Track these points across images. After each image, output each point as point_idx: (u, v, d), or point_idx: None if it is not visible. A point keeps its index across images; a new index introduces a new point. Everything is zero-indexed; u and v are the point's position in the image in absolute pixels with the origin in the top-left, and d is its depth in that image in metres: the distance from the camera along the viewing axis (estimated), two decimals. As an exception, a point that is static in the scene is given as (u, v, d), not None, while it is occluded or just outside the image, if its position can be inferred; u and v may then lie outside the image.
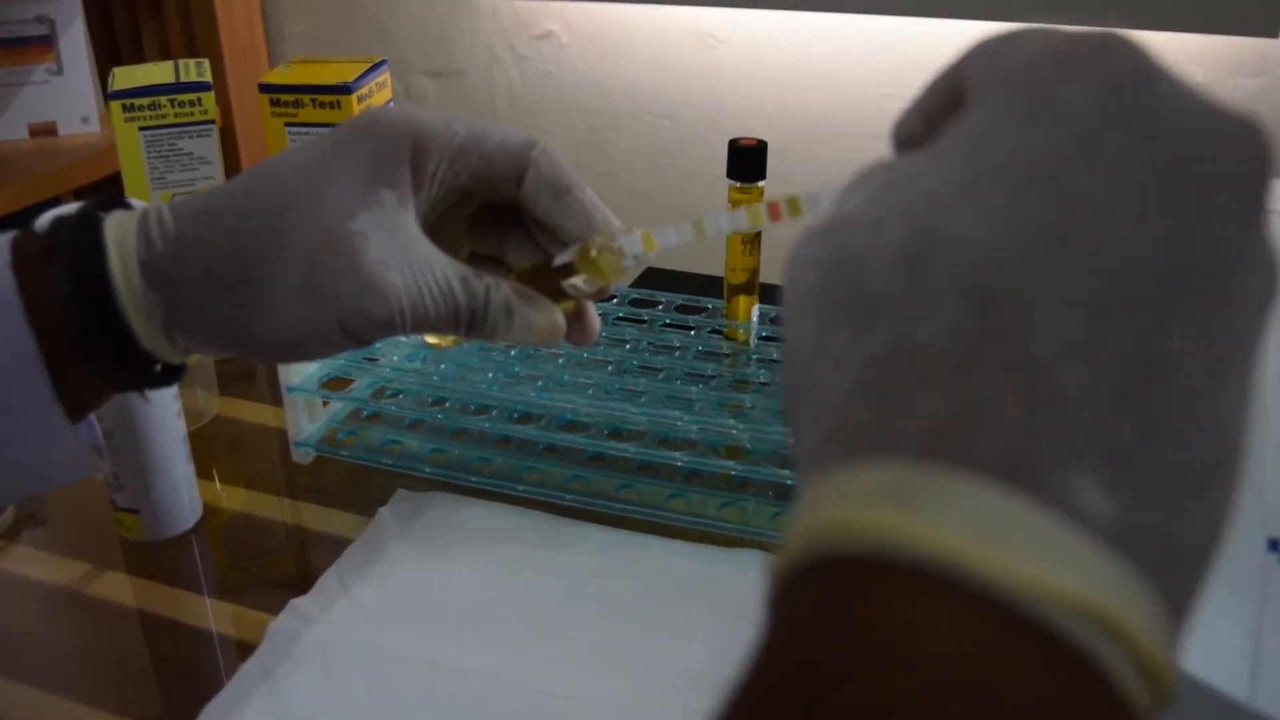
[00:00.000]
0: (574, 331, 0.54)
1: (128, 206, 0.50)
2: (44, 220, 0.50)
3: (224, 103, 1.74)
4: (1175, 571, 0.24)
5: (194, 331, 0.48)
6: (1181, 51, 1.43)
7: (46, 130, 1.71)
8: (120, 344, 0.48)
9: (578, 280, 0.50)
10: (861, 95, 1.57)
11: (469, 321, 0.49)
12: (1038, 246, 0.25)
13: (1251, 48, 1.41)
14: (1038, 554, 0.22)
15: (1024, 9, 1.42)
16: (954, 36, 1.48)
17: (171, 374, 0.51)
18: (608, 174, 1.70)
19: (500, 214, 0.54)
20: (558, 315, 0.50)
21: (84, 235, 0.47)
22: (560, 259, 0.50)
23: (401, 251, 0.47)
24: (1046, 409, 0.24)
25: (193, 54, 1.70)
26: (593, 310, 0.54)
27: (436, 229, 0.51)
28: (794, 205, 0.43)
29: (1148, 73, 0.26)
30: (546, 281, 0.51)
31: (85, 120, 1.71)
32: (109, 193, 0.76)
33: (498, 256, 0.56)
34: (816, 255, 0.28)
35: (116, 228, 0.48)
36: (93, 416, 0.53)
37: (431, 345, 0.55)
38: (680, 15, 1.58)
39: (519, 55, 1.68)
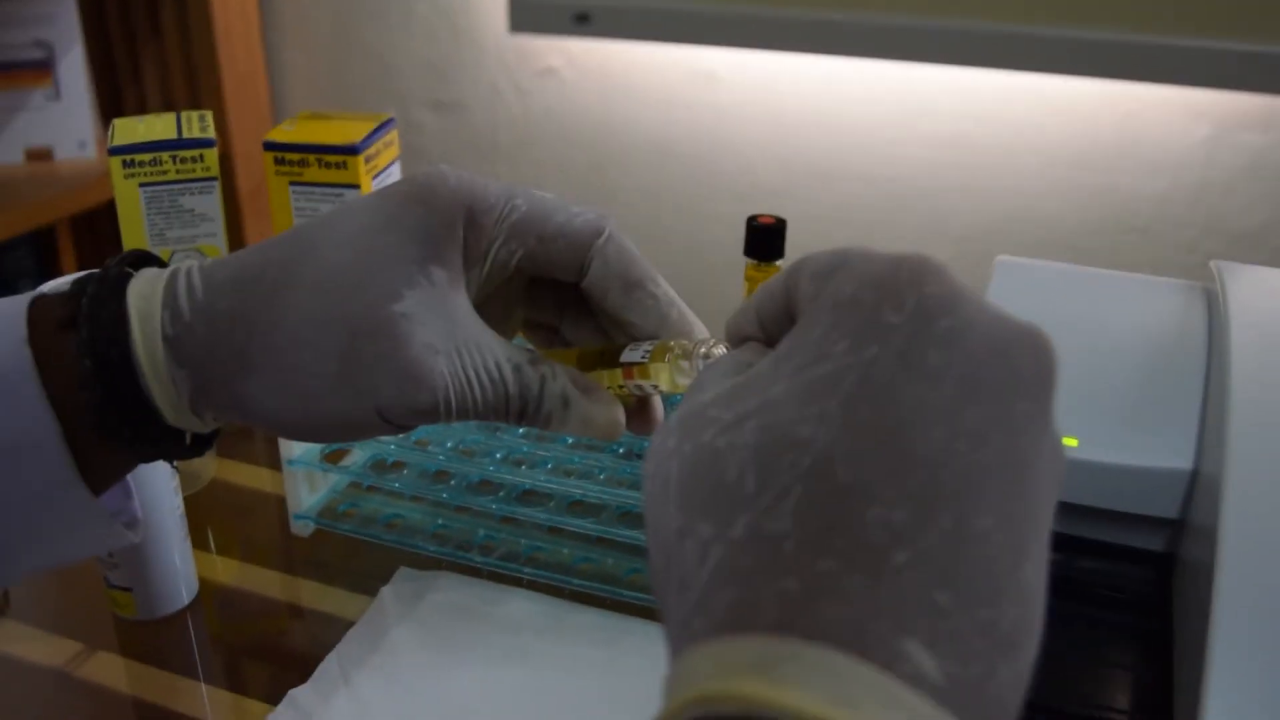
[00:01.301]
0: (638, 423, 0.49)
1: (153, 261, 0.47)
2: (62, 282, 0.47)
3: (222, 128, 1.72)
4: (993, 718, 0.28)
5: (223, 410, 0.45)
6: (1186, 106, 1.42)
7: (43, 155, 1.69)
8: (144, 420, 0.45)
9: (645, 384, 0.45)
10: (863, 139, 1.56)
11: (520, 411, 0.45)
12: (867, 447, 0.29)
13: (1258, 104, 1.40)
14: (882, 713, 0.26)
15: (1019, 54, 1.40)
16: (953, 82, 1.47)
17: (202, 443, 0.48)
18: (609, 210, 1.68)
19: (561, 286, 0.49)
20: (619, 411, 0.46)
21: (105, 306, 0.44)
22: (629, 356, 0.45)
23: (450, 334, 0.43)
24: (881, 585, 0.28)
25: (191, 80, 1.68)
26: (659, 402, 0.49)
27: (490, 296, 0.48)
28: None
29: (954, 297, 0.31)
30: (609, 370, 0.46)
31: (82, 145, 1.69)
32: (105, 221, 0.73)
33: (555, 327, 0.52)
34: (678, 449, 0.32)
35: (140, 297, 0.44)
36: (130, 480, 0.50)
37: None
38: (683, 55, 1.56)
39: (521, 90, 1.66)
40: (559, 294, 0.50)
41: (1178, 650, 0.59)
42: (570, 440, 0.81)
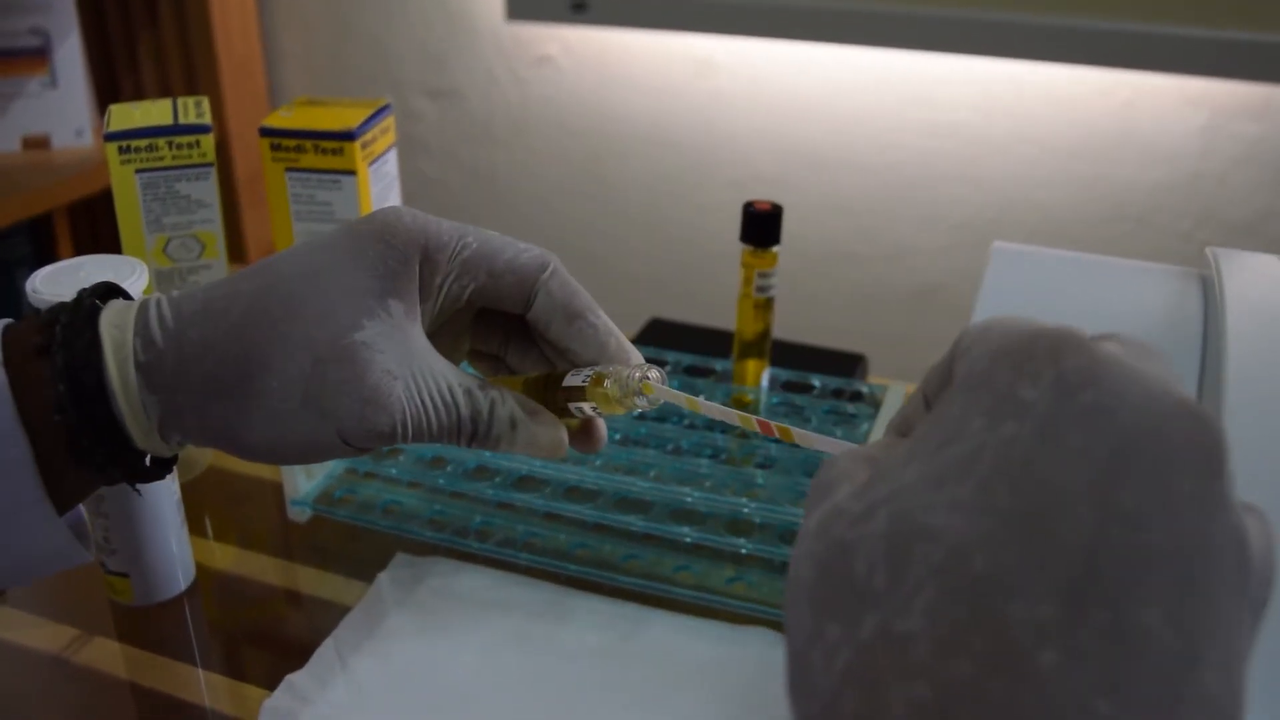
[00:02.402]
0: (581, 442, 0.53)
1: (124, 295, 0.49)
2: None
3: (219, 115, 1.71)
4: None
5: (190, 433, 0.48)
6: (1182, 94, 1.42)
7: (40, 143, 1.69)
8: (114, 444, 0.47)
9: (585, 406, 0.48)
10: (860, 127, 1.56)
11: (471, 433, 0.48)
12: (1006, 535, 0.26)
13: (1254, 93, 1.40)
14: None
15: (1015, 43, 1.40)
16: (951, 71, 1.47)
17: (162, 466, 0.51)
18: (604, 199, 1.68)
19: (507, 318, 0.53)
20: (562, 433, 0.49)
21: (80, 334, 0.46)
22: (570, 381, 0.49)
23: (406, 362, 0.46)
24: (1027, 691, 0.25)
25: (188, 67, 1.68)
26: (601, 423, 0.53)
27: (441, 326, 0.51)
28: (786, 434, 0.45)
29: (1097, 368, 0.28)
30: (552, 395, 0.49)
31: (79, 134, 1.69)
32: (102, 209, 0.74)
33: (500, 356, 0.55)
34: (811, 550, 0.30)
35: (113, 326, 0.47)
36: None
37: None
38: (680, 43, 1.56)
39: (518, 78, 1.66)
40: (505, 325, 0.54)
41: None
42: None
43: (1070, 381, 0.28)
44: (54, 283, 0.67)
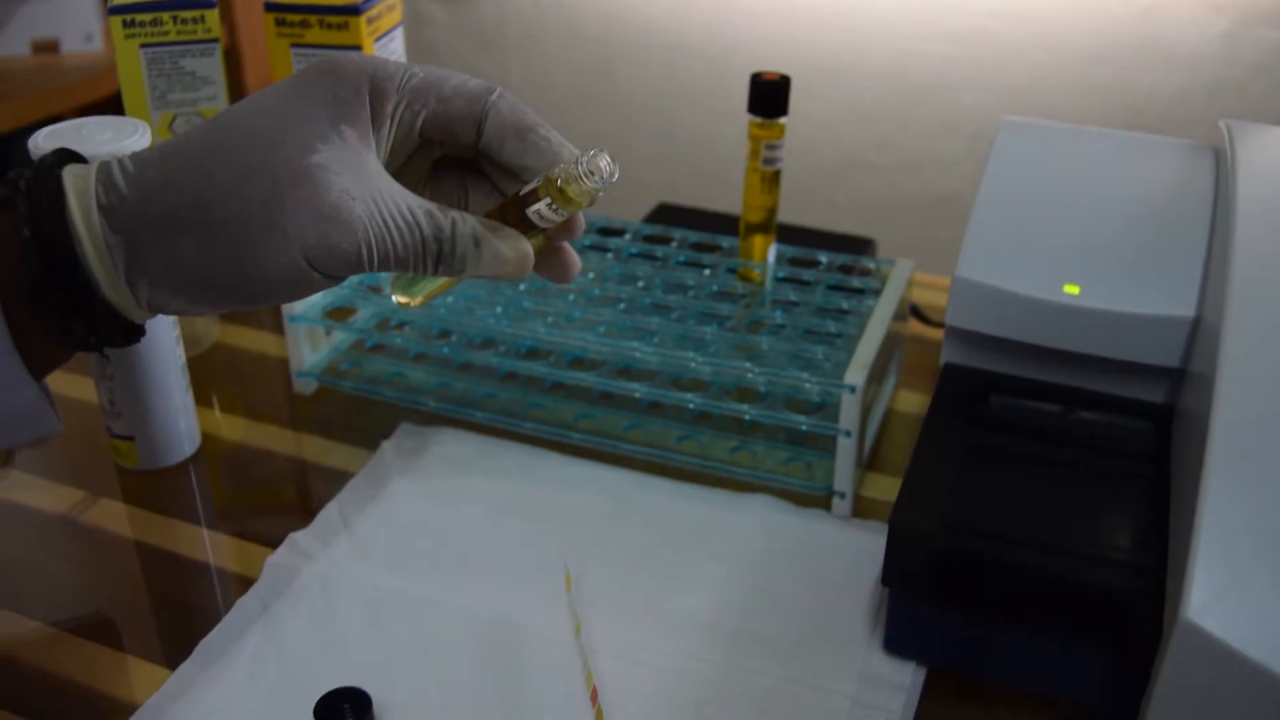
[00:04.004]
0: (553, 268, 0.53)
1: (83, 160, 0.50)
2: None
3: (230, 22, 1.70)
4: None
5: (158, 277, 0.47)
6: (1204, 1, 1.40)
7: (49, 47, 1.68)
8: (80, 293, 0.47)
9: (542, 206, 0.49)
10: (877, 37, 1.54)
11: (436, 254, 0.48)
12: None
13: (1280, -3, 1.38)
14: None
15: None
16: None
17: (132, 333, 0.50)
18: (617, 108, 1.67)
19: (462, 167, 0.54)
20: (526, 245, 0.50)
21: (42, 184, 0.47)
22: (525, 189, 0.49)
23: (364, 185, 0.47)
24: None
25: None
26: (569, 246, 0.54)
27: (397, 178, 0.51)
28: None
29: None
30: (513, 217, 0.50)
31: (88, 39, 1.68)
32: (111, 113, 0.74)
33: (461, 207, 0.55)
34: None
35: (75, 175, 0.47)
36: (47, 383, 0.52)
37: (400, 304, 0.54)
38: (697, -54, 1.54)
39: (531, -18, 1.65)
40: (461, 176, 0.55)
41: (1174, 496, 0.59)
42: (571, 296, 0.81)
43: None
44: (56, 140, 0.67)
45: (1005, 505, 0.61)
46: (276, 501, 0.76)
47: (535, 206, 0.49)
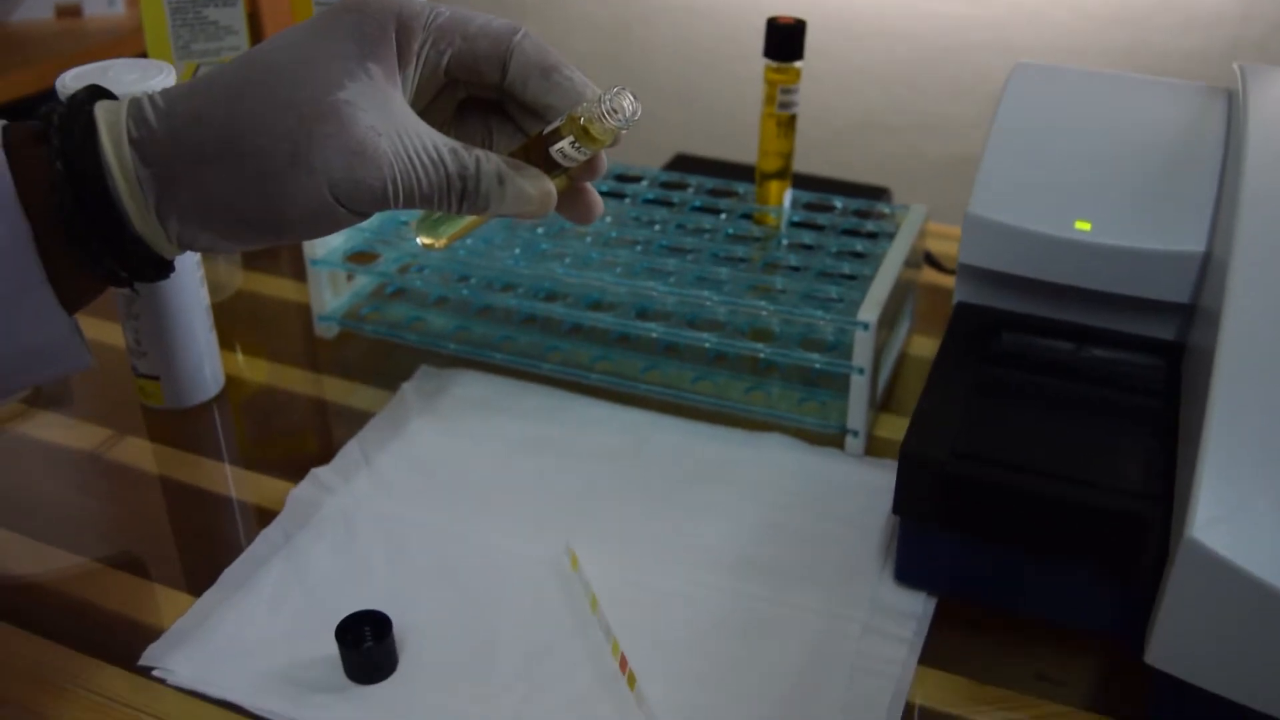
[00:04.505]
0: (576, 208, 0.54)
1: (113, 97, 0.51)
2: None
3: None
4: None
5: (187, 210, 0.48)
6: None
7: (72, 11, 1.69)
8: (111, 227, 0.48)
9: (565, 144, 0.49)
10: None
11: (460, 191, 0.49)
12: None
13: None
14: None
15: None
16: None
17: (162, 268, 0.51)
18: (634, 69, 1.68)
19: (487, 108, 0.55)
20: (549, 183, 0.50)
21: (75, 118, 0.48)
22: (549, 128, 0.50)
23: (389, 121, 0.47)
24: None
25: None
26: (591, 187, 0.54)
27: (423, 118, 0.51)
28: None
29: None
30: (537, 157, 0.50)
31: (111, 2, 1.69)
32: None
33: (486, 148, 0.55)
34: None
35: (107, 110, 0.48)
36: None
37: (425, 245, 0.55)
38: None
39: (549, -56, 1.65)
40: (486, 117, 0.55)
41: (1183, 428, 0.60)
42: (589, 239, 0.81)
43: None
44: (83, 80, 0.68)
45: (1016, 436, 0.61)
46: (298, 440, 0.77)
47: (559, 145, 0.49)
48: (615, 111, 0.48)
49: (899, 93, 1.59)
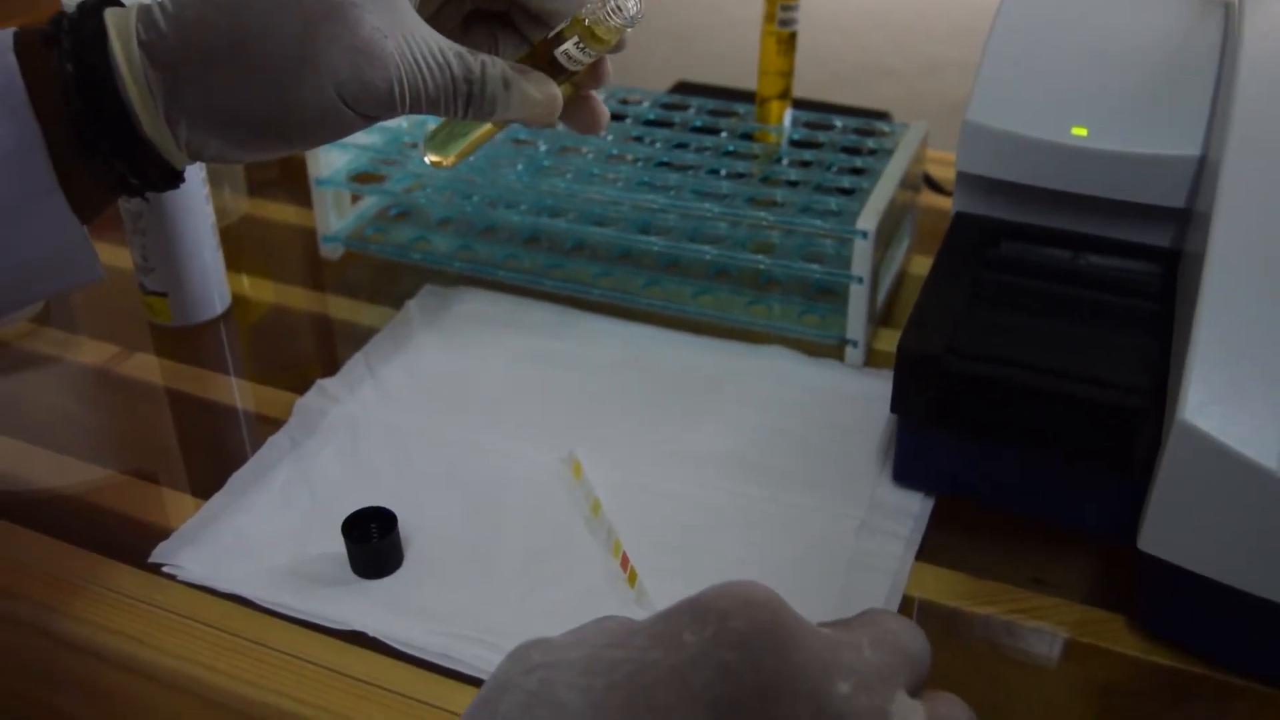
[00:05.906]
0: (582, 117, 0.55)
1: (123, 4, 0.51)
2: None
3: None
4: None
5: (196, 115, 0.49)
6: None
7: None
8: (121, 131, 0.48)
9: (569, 46, 0.50)
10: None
11: (467, 95, 0.49)
12: None
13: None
14: None
15: None
16: None
17: (171, 177, 0.52)
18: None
19: (493, 21, 0.55)
20: (554, 88, 0.51)
21: (85, 22, 0.48)
22: (553, 32, 0.51)
23: (396, 24, 0.47)
24: None
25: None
26: (596, 96, 0.55)
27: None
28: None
29: (753, 638, 0.32)
30: (542, 63, 0.51)
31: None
32: None
33: None
34: (494, 674, 0.35)
35: (116, 15, 0.49)
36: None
37: (433, 163, 0.56)
38: None
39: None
40: (492, 30, 0.56)
41: (1177, 327, 0.61)
42: (590, 155, 0.82)
43: (723, 640, 0.32)
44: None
45: (1013, 335, 0.62)
46: (304, 355, 0.78)
47: (563, 47, 0.50)
48: (619, 10, 0.48)
49: (901, 36, 1.59)
